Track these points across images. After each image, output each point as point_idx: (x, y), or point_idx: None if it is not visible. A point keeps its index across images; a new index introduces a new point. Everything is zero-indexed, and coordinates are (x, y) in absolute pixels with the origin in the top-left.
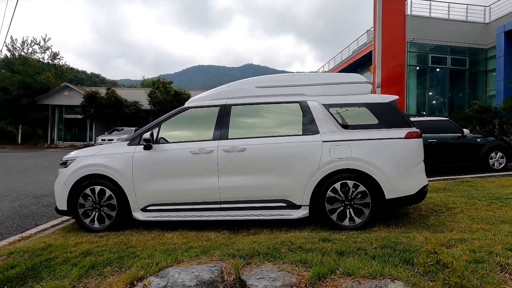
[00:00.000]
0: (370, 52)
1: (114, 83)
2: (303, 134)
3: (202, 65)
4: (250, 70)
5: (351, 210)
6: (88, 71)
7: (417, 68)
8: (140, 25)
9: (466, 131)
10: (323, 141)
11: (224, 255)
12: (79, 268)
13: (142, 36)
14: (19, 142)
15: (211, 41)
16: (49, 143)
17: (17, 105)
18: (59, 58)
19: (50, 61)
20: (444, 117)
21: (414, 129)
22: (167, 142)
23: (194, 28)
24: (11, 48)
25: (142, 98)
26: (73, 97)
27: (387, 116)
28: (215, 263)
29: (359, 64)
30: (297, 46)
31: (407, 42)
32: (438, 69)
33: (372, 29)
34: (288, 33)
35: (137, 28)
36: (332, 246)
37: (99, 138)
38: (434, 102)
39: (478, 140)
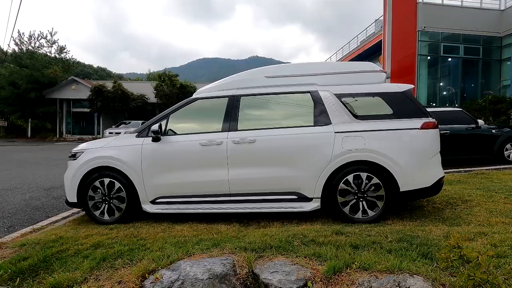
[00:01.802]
0: (379, 42)
1: (120, 77)
2: (314, 125)
3: (207, 58)
4: (256, 62)
5: (364, 202)
6: (94, 65)
7: (429, 58)
8: (143, 18)
9: (480, 121)
10: (335, 132)
11: (236, 248)
12: (91, 260)
13: (145, 29)
14: (29, 135)
15: (215, 32)
16: (58, 136)
17: (26, 99)
18: (65, 52)
19: (57, 55)
20: (456, 107)
21: (430, 119)
22: (175, 134)
23: (197, 20)
24: (19, 42)
25: (148, 91)
26: (81, 91)
27: (402, 106)
28: (226, 256)
29: (368, 54)
30: (303, 36)
31: (418, 30)
32: (450, 59)
33: (382, 18)
34: (294, 22)
35: (140, 21)
36: (346, 240)
37: (107, 131)
38: (445, 93)
39: (493, 131)
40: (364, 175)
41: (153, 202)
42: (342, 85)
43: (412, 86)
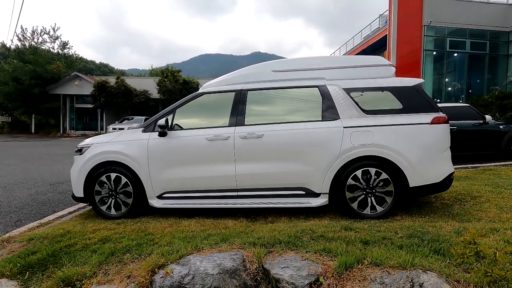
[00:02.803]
0: (384, 37)
1: (122, 73)
2: (322, 120)
3: (209, 54)
4: (258, 58)
5: (372, 198)
6: (97, 61)
7: (434, 53)
8: (144, 13)
9: (488, 117)
10: (344, 127)
11: (245, 243)
12: (99, 255)
13: (146, 24)
14: (33, 131)
15: (217, 28)
16: (61, 132)
17: (29, 95)
18: (68, 48)
19: (60, 51)
20: (462, 103)
21: (440, 114)
22: (182, 128)
23: (199, 14)
24: (22, 38)
25: (151, 87)
26: (84, 87)
27: (412, 101)
28: (236, 251)
29: (373, 49)
30: (306, 30)
31: (424, 25)
32: (456, 54)
33: (387, 12)
34: (296, 17)
35: (141, 16)
36: (356, 235)
37: (110, 127)
38: (450, 88)
39: (501, 127)
40: (373, 170)
41: (160, 197)
42: (351, 79)
43: (423, 80)
